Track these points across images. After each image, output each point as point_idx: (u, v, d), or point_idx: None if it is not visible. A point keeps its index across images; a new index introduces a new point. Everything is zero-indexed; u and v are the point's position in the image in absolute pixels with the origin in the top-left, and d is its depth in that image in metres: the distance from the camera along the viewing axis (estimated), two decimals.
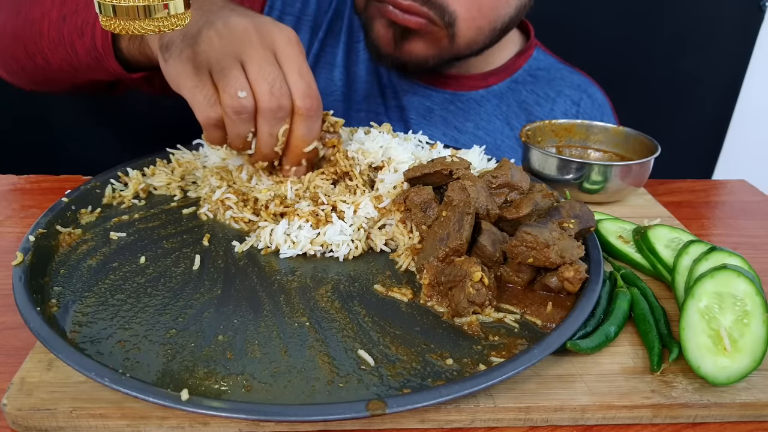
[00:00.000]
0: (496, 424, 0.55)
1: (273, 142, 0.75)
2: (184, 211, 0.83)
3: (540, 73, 1.24)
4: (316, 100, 0.74)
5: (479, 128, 1.18)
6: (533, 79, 1.23)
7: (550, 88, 1.22)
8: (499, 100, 1.19)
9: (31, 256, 0.67)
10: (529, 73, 1.23)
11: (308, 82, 0.73)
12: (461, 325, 0.62)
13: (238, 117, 0.72)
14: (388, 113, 1.18)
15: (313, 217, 0.75)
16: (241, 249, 0.75)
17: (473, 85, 1.18)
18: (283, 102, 0.72)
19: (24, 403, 0.52)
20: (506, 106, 1.19)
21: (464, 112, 1.18)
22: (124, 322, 0.61)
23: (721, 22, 1.76)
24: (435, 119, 1.17)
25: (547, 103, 1.21)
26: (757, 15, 1.76)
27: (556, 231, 0.69)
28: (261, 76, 0.71)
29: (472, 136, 1.17)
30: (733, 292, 0.59)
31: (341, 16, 1.17)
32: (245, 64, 0.71)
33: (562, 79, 1.24)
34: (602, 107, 1.25)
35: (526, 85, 1.22)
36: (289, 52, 0.73)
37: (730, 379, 0.56)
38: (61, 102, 1.54)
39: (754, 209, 0.98)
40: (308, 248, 0.74)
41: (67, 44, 0.88)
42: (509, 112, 1.19)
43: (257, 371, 0.55)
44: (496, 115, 1.19)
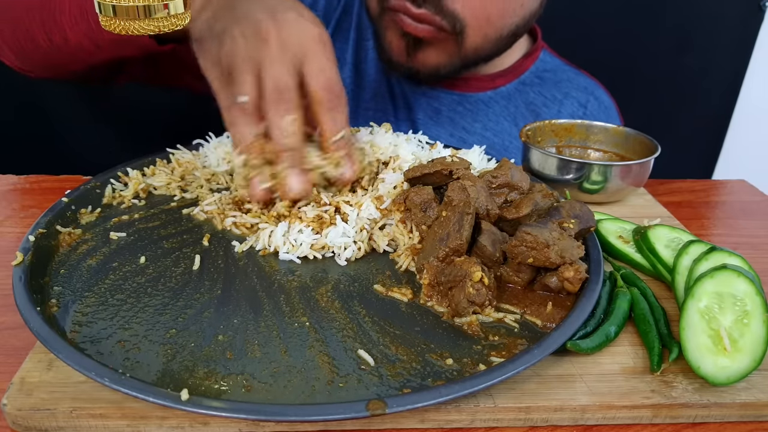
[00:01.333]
0: (496, 424, 0.55)
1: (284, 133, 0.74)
2: (184, 211, 0.83)
3: (547, 75, 1.24)
4: (339, 90, 0.74)
5: (487, 129, 1.18)
6: (540, 80, 1.23)
7: (557, 90, 1.23)
8: (507, 102, 1.20)
9: (31, 256, 0.67)
10: (536, 75, 1.23)
11: (329, 76, 0.73)
12: (461, 325, 0.62)
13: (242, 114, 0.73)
14: (396, 113, 1.19)
15: (317, 222, 0.74)
16: (241, 249, 0.75)
17: (481, 86, 1.19)
18: (287, 91, 0.72)
19: (24, 403, 0.52)
20: (514, 107, 1.20)
21: (472, 113, 1.19)
22: (124, 322, 0.61)
23: (722, 21, 1.76)
24: (443, 120, 1.18)
25: (554, 105, 1.21)
26: (757, 15, 1.76)
27: (556, 231, 0.69)
28: (269, 76, 0.72)
29: (480, 136, 1.17)
30: (733, 292, 0.59)
31: (350, 13, 1.17)
32: (262, 68, 0.72)
33: (569, 81, 1.25)
34: (608, 109, 1.25)
35: (533, 86, 1.22)
36: (311, 52, 0.73)
37: (730, 379, 0.56)
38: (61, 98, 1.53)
39: (754, 209, 0.98)
40: (308, 252, 0.73)
41: (91, 18, 0.86)
42: (517, 113, 1.20)
43: (257, 371, 0.55)
44: (504, 116, 1.19)
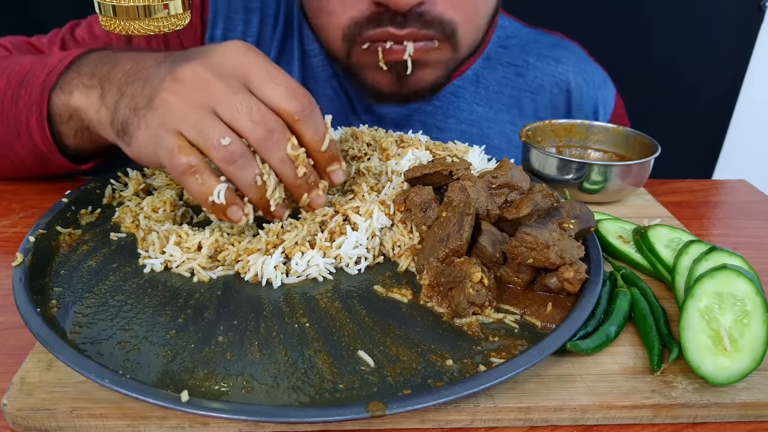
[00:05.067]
0: (496, 424, 0.55)
1: (291, 166, 0.66)
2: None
3: (512, 42, 1.16)
4: (303, 96, 0.65)
5: (462, 122, 1.12)
6: (506, 49, 1.14)
7: (528, 54, 1.14)
8: (476, 86, 1.12)
9: (31, 256, 0.67)
10: (499, 45, 1.14)
11: (283, 83, 0.65)
12: (461, 325, 0.62)
13: (235, 166, 0.64)
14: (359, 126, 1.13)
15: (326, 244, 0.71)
16: None
17: None
18: (270, 123, 0.64)
19: (24, 403, 0.52)
20: (484, 89, 1.12)
21: (443, 110, 1.11)
22: (125, 323, 0.61)
23: (721, 22, 1.76)
24: (414, 125, 1.11)
25: (529, 71, 1.14)
26: (757, 15, 1.76)
27: (556, 231, 0.69)
28: (234, 111, 0.63)
29: (456, 132, 1.11)
30: (733, 292, 0.59)
31: (291, 34, 1.08)
32: (215, 108, 0.64)
33: (536, 41, 1.16)
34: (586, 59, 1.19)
35: (500, 59, 1.13)
36: (247, 66, 0.65)
37: (730, 379, 0.56)
38: None
39: (754, 209, 0.98)
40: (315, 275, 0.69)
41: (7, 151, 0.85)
42: (489, 95, 1.12)
43: (257, 372, 0.55)
44: (476, 102, 1.12)
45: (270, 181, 0.67)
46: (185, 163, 0.63)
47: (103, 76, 0.74)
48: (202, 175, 0.64)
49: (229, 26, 1.07)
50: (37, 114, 0.77)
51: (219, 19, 1.06)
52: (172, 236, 0.71)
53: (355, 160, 0.87)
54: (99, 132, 0.75)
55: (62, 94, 0.76)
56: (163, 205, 0.78)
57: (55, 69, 0.77)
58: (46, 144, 0.80)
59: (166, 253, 0.70)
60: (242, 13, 1.07)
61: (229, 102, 0.63)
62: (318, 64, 1.08)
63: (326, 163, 0.70)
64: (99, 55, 0.79)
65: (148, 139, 0.66)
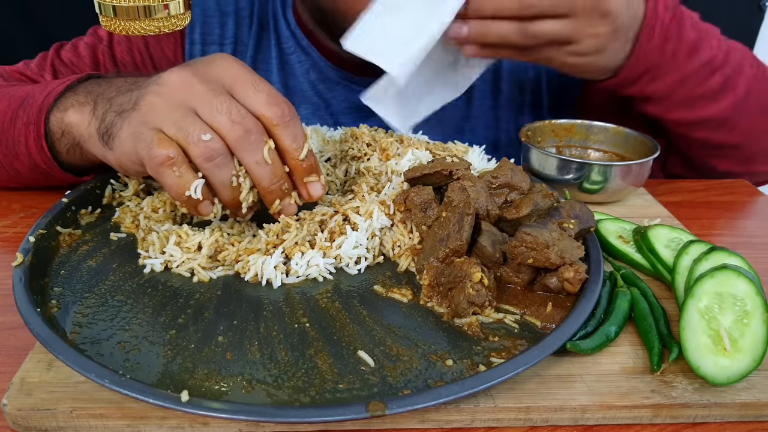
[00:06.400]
0: (496, 424, 0.55)
1: (267, 169, 0.67)
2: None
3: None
4: (283, 103, 0.67)
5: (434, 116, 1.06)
6: None
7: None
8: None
9: (31, 256, 0.67)
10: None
11: (266, 91, 0.67)
12: (461, 325, 0.62)
13: (212, 163, 0.65)
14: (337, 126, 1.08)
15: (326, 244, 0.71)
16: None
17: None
18: (248, 124, 0.65)
19: (24, 403, 0.52)
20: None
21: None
22: (125, 323, 0.61)
23: (721, 22, 1.76)
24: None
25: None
26: (757, 15, 1.77)
27: (556, 231, 0.69)
28: (214, 110, 0.65)
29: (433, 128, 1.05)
30: (733, 292, 0.59)
31: (267, 29, 1.10)
32: (196, 108, 0.66)
33: None
34: None
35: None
36: (231, 74, 0.67)
37: (730, 379, 0.56)
38: None
39: (754, 209, 0.98)
40: (315, 275, 0.70)
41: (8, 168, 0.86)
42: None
43: (257, 372, 0.55)
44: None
45: (245, 183, 0.68)
46: (164, 155, 0.64)
47: (98, 93, 0.76)
48: (180, 168, 0.65)
49: (206, 30, 1.09)
50: (35, 133, 0.79)
51: (196, 24, 1.09)
52: (172, 236, 0.71)
53: (355, 160, 0.87)
54: (89, 148, 0.76)
55: (58, 112, 0.78)
56: (163, 205, 0.78)
57: (53, 91, 0.79)
58: (45, 161, 0.81)
59: (166, 253, 0.70)
60: (218, 16, 1.10)
61: (210, 102, 0.65)
62: (295, 60, 1.11)
63: (304, 173, 0.70)
64: (97, 80, 0.81)
65: (128, 136, 0.68)
